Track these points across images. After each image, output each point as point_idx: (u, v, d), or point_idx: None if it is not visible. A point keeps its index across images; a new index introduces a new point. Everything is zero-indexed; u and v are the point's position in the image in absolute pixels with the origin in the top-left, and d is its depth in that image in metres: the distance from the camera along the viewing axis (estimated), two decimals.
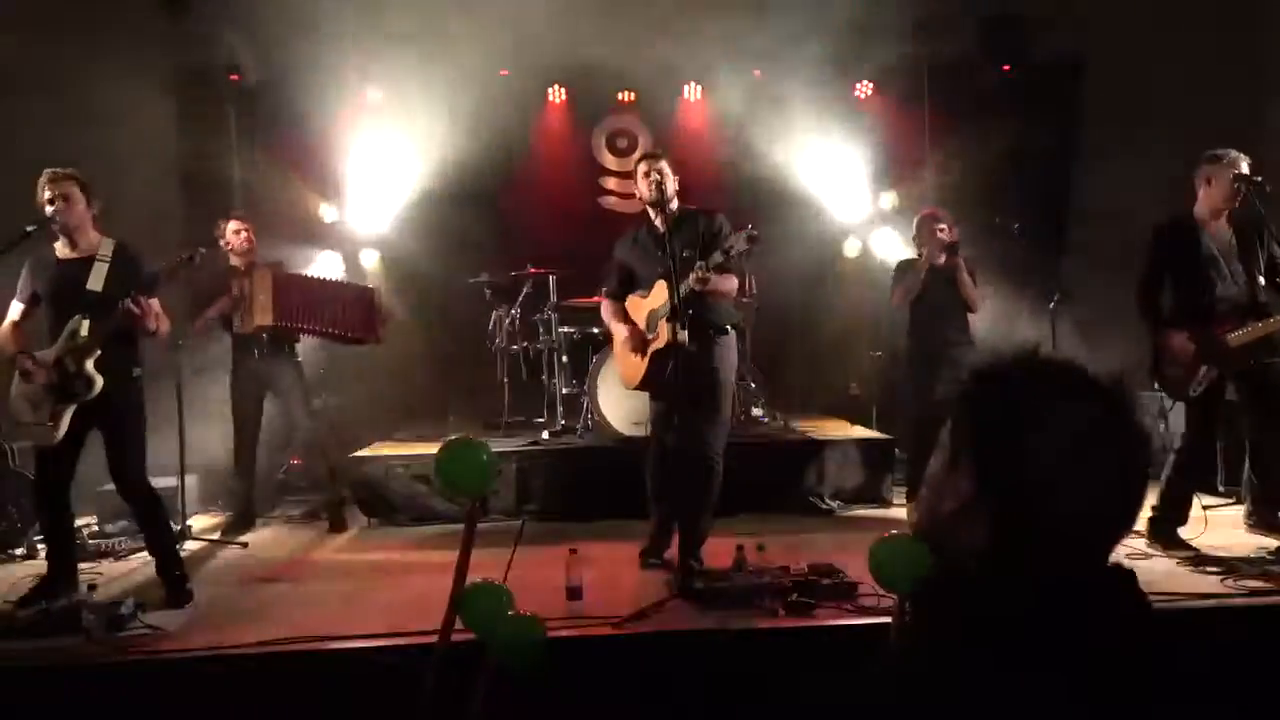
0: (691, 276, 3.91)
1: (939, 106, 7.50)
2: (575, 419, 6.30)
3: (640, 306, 4.33)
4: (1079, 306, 6.09)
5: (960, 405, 1.09)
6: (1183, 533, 4.33)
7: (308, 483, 6.12)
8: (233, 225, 5.46)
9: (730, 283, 4.23)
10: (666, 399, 4.21)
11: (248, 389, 5.48)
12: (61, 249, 4.02)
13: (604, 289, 4.56)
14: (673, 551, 4.14)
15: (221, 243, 5.42)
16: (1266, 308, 4.17)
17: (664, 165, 4.19)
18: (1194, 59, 6.42)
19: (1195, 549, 4.22)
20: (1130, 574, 1.03)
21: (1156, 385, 4.42)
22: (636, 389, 4.46)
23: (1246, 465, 4.53)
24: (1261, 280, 4.25)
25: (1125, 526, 1.03)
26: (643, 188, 4.21)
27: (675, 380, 3.93)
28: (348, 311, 5.50)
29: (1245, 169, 4.21)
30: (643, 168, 4.22)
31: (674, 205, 4.19)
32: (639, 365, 4.29)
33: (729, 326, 4.27)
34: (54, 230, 3.96)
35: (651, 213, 4.27)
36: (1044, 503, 0.98)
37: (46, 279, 4.01)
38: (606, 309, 4.50)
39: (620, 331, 4.36)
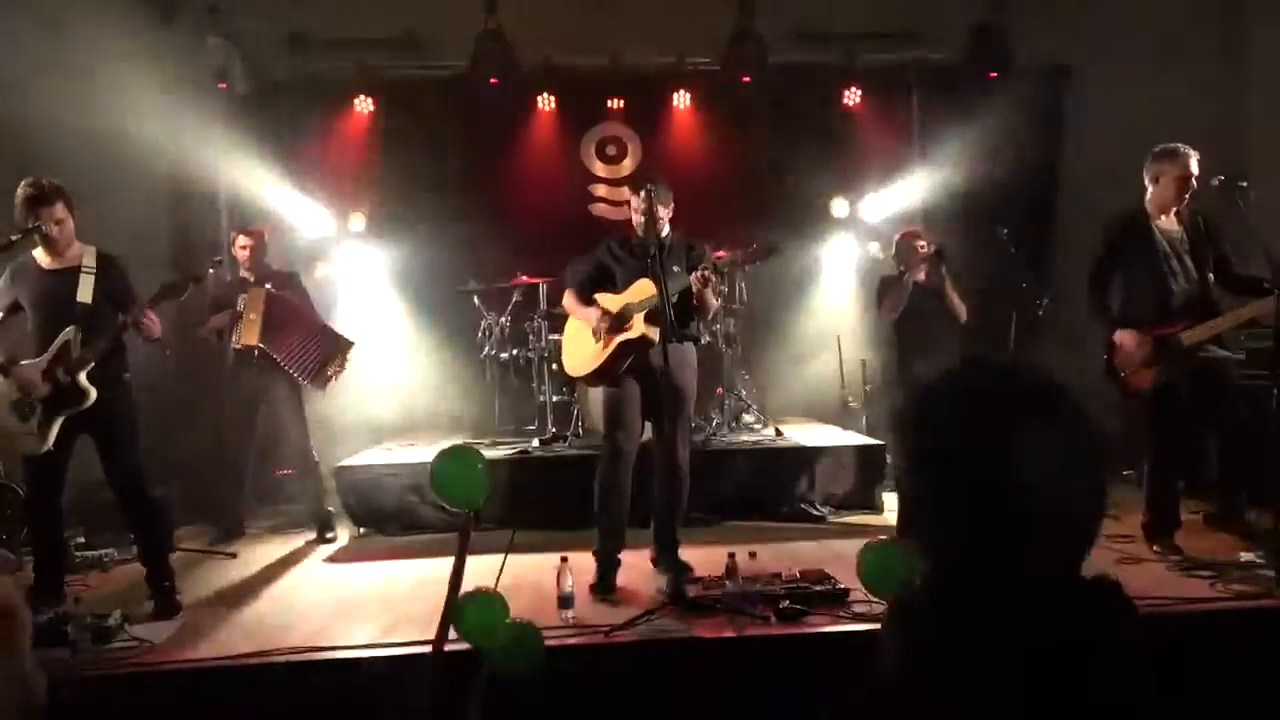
0: (696, 274, 4.04)
1: (926, 112, 7.53)
2: (565, 427, 6.29)
3: (614, 301, 4.32)
4: (1067, 310, 6.10)
5: (895, 430, 1.10)
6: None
7: (296, 493, 6.08)
8: (239, 241, 5.54)
9: (714, 300, 4.33)
10: (635, 407, 4.22)
11: (242, 401, 5.47)
12: (44, 258, 4.01)
13: (571, 282, 4.51)
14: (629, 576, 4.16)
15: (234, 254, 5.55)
16: (1217, 305, 4.17)
17: (657, 205, 4.18)
18: (1177, 62, 6.48)
19: (1183, 552, 4.23)
20: (1114, 584, 1.02)
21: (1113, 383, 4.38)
22: (585, 377, 4.43)
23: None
24: (1211, 277, 4.24)
25: (1086, 528, 1.02)
26: (634, 215, 4.31)
27: (665, 380, 3.95)
28: (313, 354, 5.44)
29: (1194, 167, 4.21)
30: (634, 200, 4.31)
31: (665, 232, 4.30)
32: (597, 354, 4.26)
33: (693, 339, 4.39)
34: (37, 240, 3.94)
35: (641, 231, 4.32)
36: (977, 524, 0.97)
37: (31, 289, 3.99)
38: (571, 299, 4.45)
39: (590, 315, 4.30)
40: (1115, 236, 4.33)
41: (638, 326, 4.16)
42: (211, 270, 4.44)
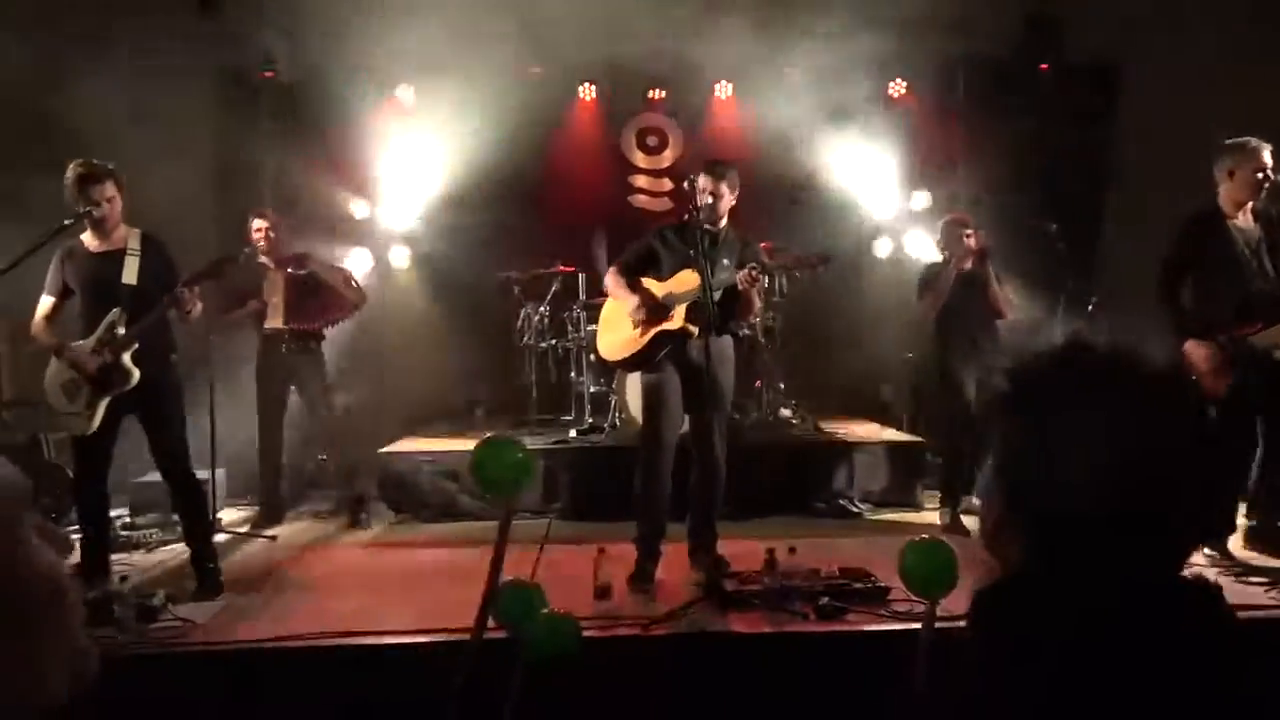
0: (744, 272, 3.97)
1: (973, 105, 7.39)
2: (602, 417, 6.28)
3: (657, 288, 4.24)
4: (1116, 309, 5.97)
5: (995, 414, 1.05)
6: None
7: (334, 477, 6.14)
8: (254, 224, 5.59)
9: (758, 300, 4.29)
10: (676, 395, 4.16)
11: (272, 384, 5.54)
12: (91, 241, 4.06)
13: (619, 261, 4.39)
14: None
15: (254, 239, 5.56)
16: None
17: (723, 187, 4.14)
18: (1231, 56, 6.28)
19: (1235, 558, 4.11)
20: (1214, 587, 0.97)
21: None
22: (618, 362, 4.38)
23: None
24: None
25: (1194, 530, 0.97)
26: (698, 197, 4.17)
27: (707, 375, 3.94)
28: (341, 298, 5.57)
29: (1268, 159, 4.06)
30: (702, 180, 4.17)
31: (723, 223, 4.23)
32: (633, 340, 4.17)
33: (731, 334, 4.33)
34: (86, 224, 3.99)
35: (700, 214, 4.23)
36: (1079, 517, 0.92)
37: (79, 272, 4.05)
38: (614, 278, 4.32)
39: (630, 300, 4.19)
40: (1190, 237, 4.18)
41: (679, 318, 4.10)
42: (246, 251, 4.49)
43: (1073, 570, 0.93)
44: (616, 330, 4.31)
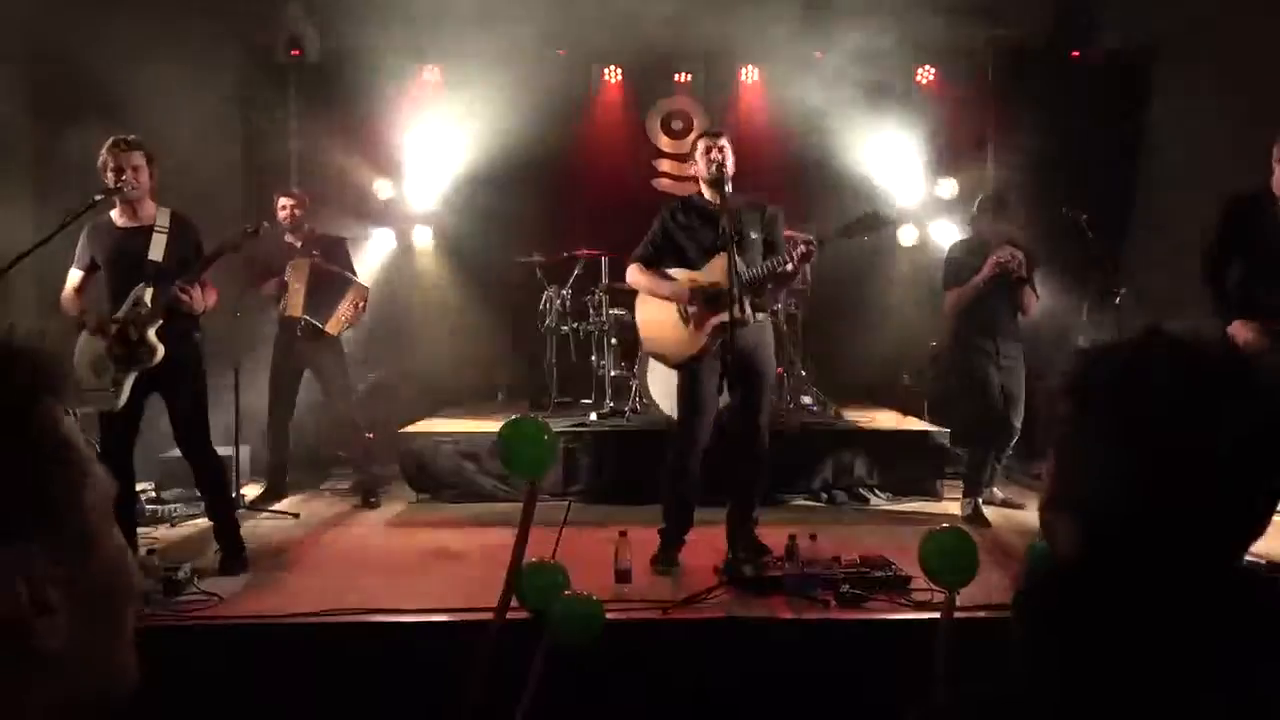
0: (800, 249, 3.90)
1: (1003, 93, 7.31)
2: (624, 401, 6.28)
3: (699, 277, 4.08)
4: (1145, 301, 5.90)
5: (1056, 404, 1.04)
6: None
7: (345, 459, 6.18)
8: (280, 202, 5.61)
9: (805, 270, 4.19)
10: (713, 390, 4.04)
11: (286, 366, 5.56)
12: (119, 217, 4.08)
13: (637, 254, 4.17)
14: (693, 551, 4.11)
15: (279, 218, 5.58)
16: None
17: (725, 144, 4.07)
18: (1269, 46, 6.17)
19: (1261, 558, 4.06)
20: (1247, 579, 0.96)
21: None
22: (683, 363, 4.10)
23: None
24: None
25: (1248, 527, 0.95)
26: (702, 166, 4.08)
27: (742, 361, 3.87)
28: (350, 307, 5.55)
29: None
30: (705, 144, 4.09)
31: (729, 189, 4.07)
32: (692, 337, 4.00)
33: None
34: (115, 199, 4.02)
35: (706, 191, 4.14)
36: (1136, 509, 0.91)
37: (105, 247, 4.07)
38: (644, 275, 4.12)
39: (678, 293, 3.99)
40: (1234, 217, 4.04)
41: (739, 304, 3.90)
42: (265, 225, 4.49)
43: (1127, 562, 0.92)
44: (665, 329, 4.08)
